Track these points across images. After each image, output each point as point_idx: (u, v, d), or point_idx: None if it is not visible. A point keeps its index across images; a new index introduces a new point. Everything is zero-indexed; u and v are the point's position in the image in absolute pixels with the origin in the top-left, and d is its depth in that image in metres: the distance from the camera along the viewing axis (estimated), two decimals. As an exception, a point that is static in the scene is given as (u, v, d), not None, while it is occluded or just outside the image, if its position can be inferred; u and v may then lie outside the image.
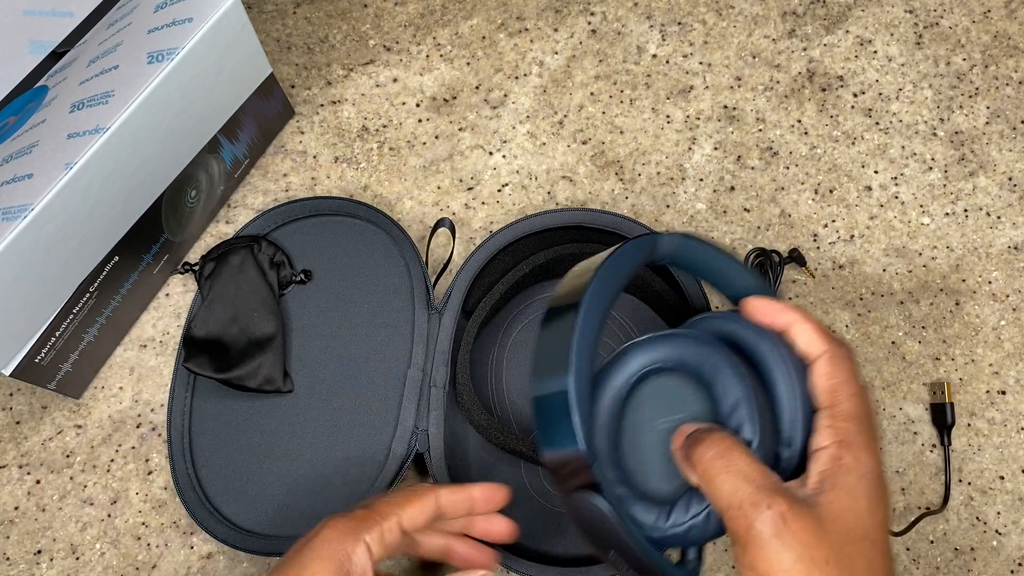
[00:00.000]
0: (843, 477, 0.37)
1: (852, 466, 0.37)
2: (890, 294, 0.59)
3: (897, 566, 0.54)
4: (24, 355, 0.50)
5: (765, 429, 0.39)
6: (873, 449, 0.38)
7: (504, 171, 0.63)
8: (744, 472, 0.37)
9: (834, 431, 0.38)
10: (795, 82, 0.65)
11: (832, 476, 0.37)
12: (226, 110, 0.56)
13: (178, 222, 0.57)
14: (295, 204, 0.58)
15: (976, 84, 0.64)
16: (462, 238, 0.61)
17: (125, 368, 0.58)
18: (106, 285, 0.54)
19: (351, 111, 0.64)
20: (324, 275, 0.58)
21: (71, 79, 0.49)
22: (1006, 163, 0.62)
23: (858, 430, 0.38)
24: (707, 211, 0.61)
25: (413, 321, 0.56)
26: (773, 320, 0.42)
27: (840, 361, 0.40)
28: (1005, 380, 0.57)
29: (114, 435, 0.57)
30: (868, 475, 0.37)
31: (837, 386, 0.39)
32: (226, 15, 0.50)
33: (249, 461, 0.54)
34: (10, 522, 0.55)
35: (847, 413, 0.38)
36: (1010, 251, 0.60)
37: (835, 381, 0.39)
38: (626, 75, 0.65)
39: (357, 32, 0.67)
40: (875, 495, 0.37)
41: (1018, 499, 0.55)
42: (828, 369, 0.40)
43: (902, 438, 0.56)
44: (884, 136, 0.63)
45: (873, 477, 0.37)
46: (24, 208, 0.45)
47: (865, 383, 0.42)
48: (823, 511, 0.36)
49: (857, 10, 0.67)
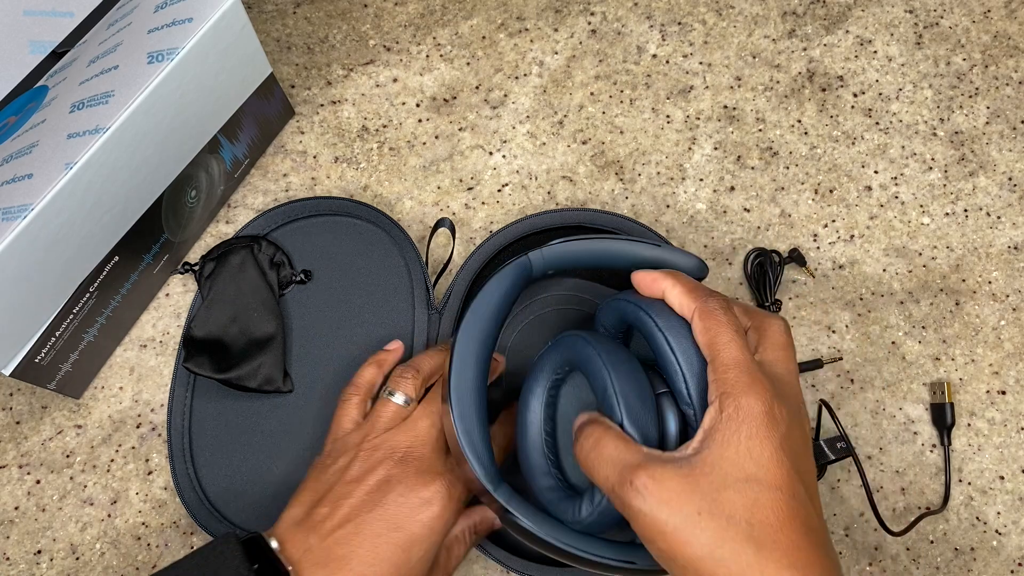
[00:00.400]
0: (722, 427, 0.37)
1: (732, 414, 0.37)
2: (890, 294, 0.59)
3: (897, 566, 0.54)
4: (24, 355, 0.50)
5: (638, 405, 0.40)
6: (757, 390, 0.37)
7: (504, 171, 0.63)
8: (611, 457, 0.38)
9: (716, 384, 0.39)
10: (795, 82, 0.65)
11: (712, 429, 0.38)
12: (226, 110, 0.56)
13: (178, 222, 0.57)
14: (295, 204, 0.58)
15: (976, 84, 0.64)
16: (462, 238, 0.61)
17: (125, 368, 0.58)
18: (106, 285, 0.54)
19: (351, 111, 0.64)
20: (324, 275, 0.58)
21: (71, 79, 0.49)
22: (1006, 163, 0.62)
23: (736, 377, 0.38)
24: (707, 211, 0.61)
25: (413, 321, 0.56)
26: (652, 291, 0.43)
27: (709, 314, 0.40)
28: (1005, 380, 0.57)
29: (114, 435, 0.57)
30: (749, 418, 0.37)
31: (711, 339, 0.40)
32: (226, 15, 0.50)
33: (249, 461, 0.54)
34: (10, 522, 0.55)
35: (724, 362, 0.39)
36: (1010, 251, 0.60)
37: (708, 335, 0.40)
38: (626, 75, 0.65)
39: (357, 32, 0.67)
40: (761, 434, 0.37)
41: (1018, 499, 0.55)
42: (700, 325, 0.40)
43: (902, 438, 0.56)
44: (884, 136, 0.63)
45: (755, 418, 0.37)
46: (24, 208, 0.45)
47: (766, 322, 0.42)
48: (696, 466, 0.37)
49: (857, 10, 0.67)
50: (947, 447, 0.55)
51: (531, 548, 0.44)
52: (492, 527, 0.49)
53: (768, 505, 0.36)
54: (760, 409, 0.37)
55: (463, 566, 0.54)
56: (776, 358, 0.41)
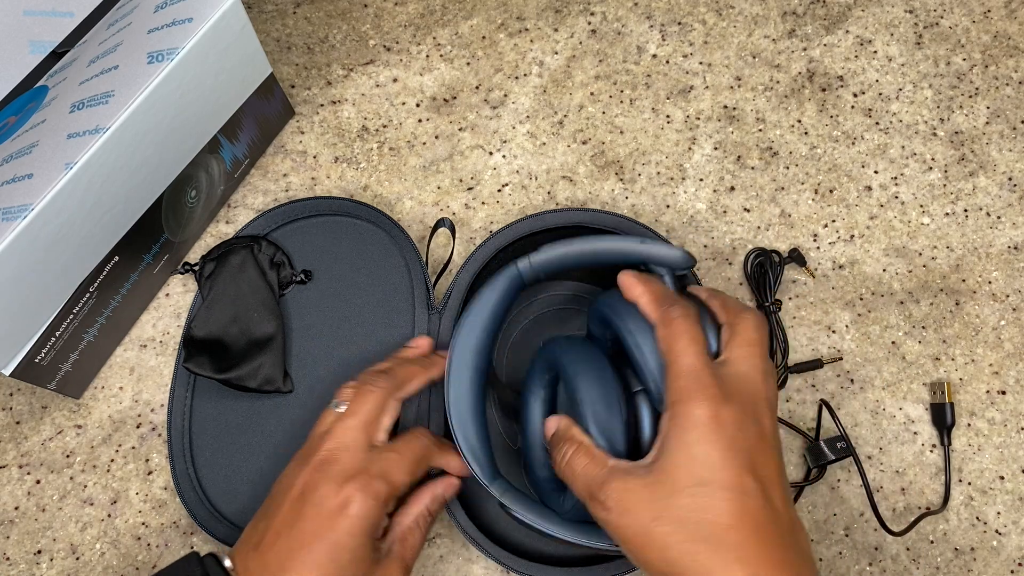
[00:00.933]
0: (673, 435, 0.39)
1: (681, 422, 0.39)
2: (890, 294, 0.59)
3: (897, 566, 0.54)
4: (24, 355, 0.50)
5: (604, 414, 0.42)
6: (703, 396, 0.39)
7: (504, 171, 0.63)
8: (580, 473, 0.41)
9: (670, 391, 0.40)
10: (795, 82, 0.65)
11: (666, 437, 0.39)
12: (226, 110, 0.56)
13: (178, 222, 0.57)
14: (295, 204, 0.58)
15: (976, 84, 0.64)
16: (462, 238, 0.61)
17: (125, 368, 0.58)
18: (106, 285, 0.54)
19: (351, 111, 0.64)
20: (324, 275, 0.58)
21: (71, 79, 0.49)
22: (1006, 163, 0.62)
23: (685, 384, 0.39)
24: (707, 211, 0.61)
25: (413, 321, 0.56)
26: (628, 297, 0.44)
27: (669, 322, 0.42)
28: (1005, 380, 0.57)
29: (114, 435, 0.57)
30: (696, 424, 0.38)
31: (668, 347, 0.41)
32: (226, 15, 0.50)
33: (249, 461, 0.54)
34: (10, 522, 0.55)
35: (677, 371, 0.40)
36: (1010, 251, 0.60)
37: (666, 343, 0.41)
38: (626, 75, 0.65)
39: (357, 32, 0.67)
40: (708, 439, 0.38)
41: (1018, 499, 0.55)
42: (660, 332, 0.42)
43: (902, 438, 0.56)
44: (884, 136, 0.63)
45: (702, 424, 0.38)
46: (24, 208, 0.45)
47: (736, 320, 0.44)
48: (652, 474, 0.39)
49: (857, 10, 0.67)
50: (947, 447, 0.55)
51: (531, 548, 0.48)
52: (445, 501, 0.49)
53: (718, 506, 0.37)
54: (705, 414, 0.38)
55: (463, 566, 0.54)
56: (741, 355, 0.42)
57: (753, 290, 0.59)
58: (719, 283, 0.60)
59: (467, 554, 0.55)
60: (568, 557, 0.52)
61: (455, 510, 0.51)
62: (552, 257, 0.50)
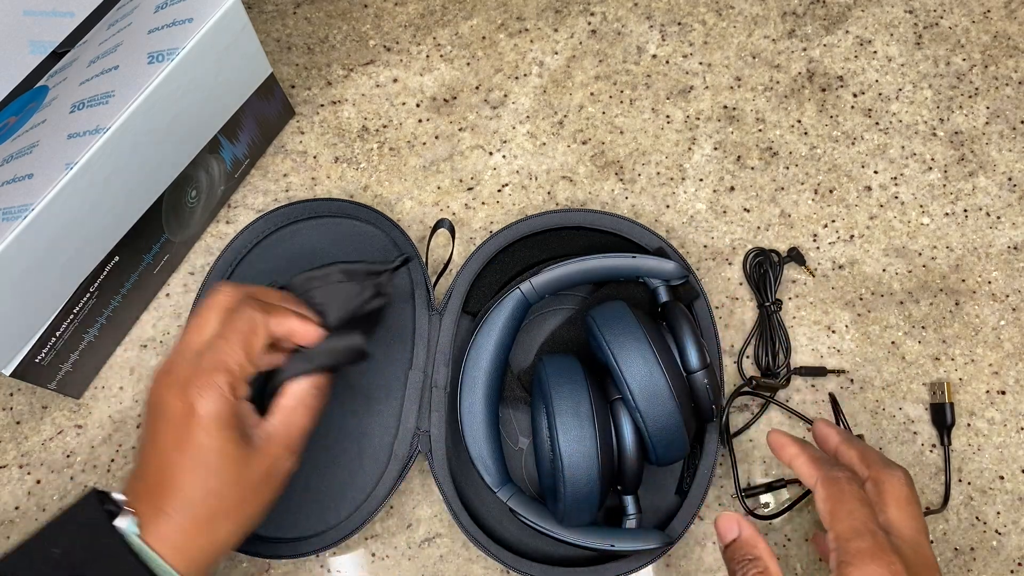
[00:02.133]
0: None
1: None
2: (890, 294, 0.59)
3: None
4: (24, 355, 0.50)
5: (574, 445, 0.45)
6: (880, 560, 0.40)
7: (504, 171, 0.63)
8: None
9: (836, 553, 0.41)
10: (795, 82, 0.65)
11: None
12: (226, 110, 0.56)
13: (178, 222, 0.57)
14: (295, 206, 0.58)
15: (976, 84, 0.64)
16: (462, 238, 0.61)
17: (125, 368, 0.58)
18: (106, 285, 0.54)
19: (351, 111, 0.64)
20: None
21: (71, 79, 0.49)
22: (1006, 163, 0.62)
23: (857, 547, 0.41)
24: (707, 211, 0.61)
25: (414, 322, 0.56)
26: (781, 457, 0.47)
27: (832, 482, 0.43)
28: (1005, 380, 0.57)
29: (114, 435, 0.57)
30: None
31: (832, 508, 0.43)
32: (226, 15, 0.50)
33: (249, 461, 0.54)
34: (10, 522, 0.55)
35: (844, 533, 0.42)
36: (1010, 251, 0.60)
37: (830, 503, 0.43)
38: (626, 75, 0.65)
39: (357, 32, 0.67)
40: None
41: (1018, 499, 0.55)
42: (823, 493, 0.44)
43: (902, 438, 0.56)
44: (884, 136, 0.63)
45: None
46: (24, 208, 0.45)
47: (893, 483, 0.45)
48: None
49: (857, 10, 0.67)
50: (947, 447, 0.55)
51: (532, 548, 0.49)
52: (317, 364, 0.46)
53: None
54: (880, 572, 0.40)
55: (463, 566, 0.54)
56: (900, 517, 0.43)
57: (753, 290, 0.59)
58: (719, 283, 0.60)
59: (467, 554, 0.55)
60: (569, 558, 0.52)
61: (456, 510, 0.51)
62: (551, 279, 0.53)
